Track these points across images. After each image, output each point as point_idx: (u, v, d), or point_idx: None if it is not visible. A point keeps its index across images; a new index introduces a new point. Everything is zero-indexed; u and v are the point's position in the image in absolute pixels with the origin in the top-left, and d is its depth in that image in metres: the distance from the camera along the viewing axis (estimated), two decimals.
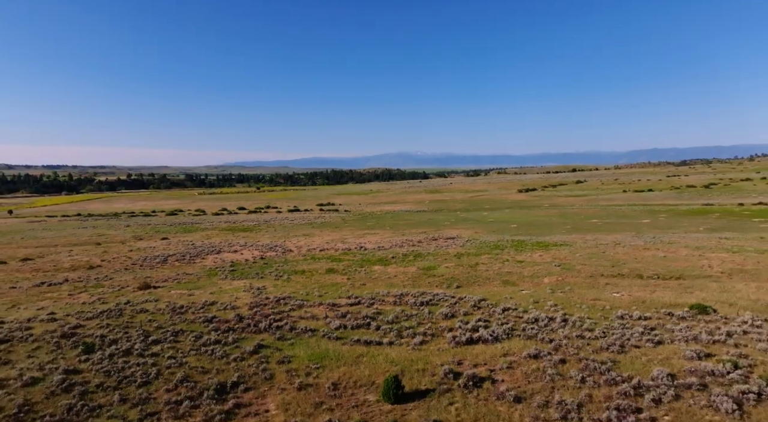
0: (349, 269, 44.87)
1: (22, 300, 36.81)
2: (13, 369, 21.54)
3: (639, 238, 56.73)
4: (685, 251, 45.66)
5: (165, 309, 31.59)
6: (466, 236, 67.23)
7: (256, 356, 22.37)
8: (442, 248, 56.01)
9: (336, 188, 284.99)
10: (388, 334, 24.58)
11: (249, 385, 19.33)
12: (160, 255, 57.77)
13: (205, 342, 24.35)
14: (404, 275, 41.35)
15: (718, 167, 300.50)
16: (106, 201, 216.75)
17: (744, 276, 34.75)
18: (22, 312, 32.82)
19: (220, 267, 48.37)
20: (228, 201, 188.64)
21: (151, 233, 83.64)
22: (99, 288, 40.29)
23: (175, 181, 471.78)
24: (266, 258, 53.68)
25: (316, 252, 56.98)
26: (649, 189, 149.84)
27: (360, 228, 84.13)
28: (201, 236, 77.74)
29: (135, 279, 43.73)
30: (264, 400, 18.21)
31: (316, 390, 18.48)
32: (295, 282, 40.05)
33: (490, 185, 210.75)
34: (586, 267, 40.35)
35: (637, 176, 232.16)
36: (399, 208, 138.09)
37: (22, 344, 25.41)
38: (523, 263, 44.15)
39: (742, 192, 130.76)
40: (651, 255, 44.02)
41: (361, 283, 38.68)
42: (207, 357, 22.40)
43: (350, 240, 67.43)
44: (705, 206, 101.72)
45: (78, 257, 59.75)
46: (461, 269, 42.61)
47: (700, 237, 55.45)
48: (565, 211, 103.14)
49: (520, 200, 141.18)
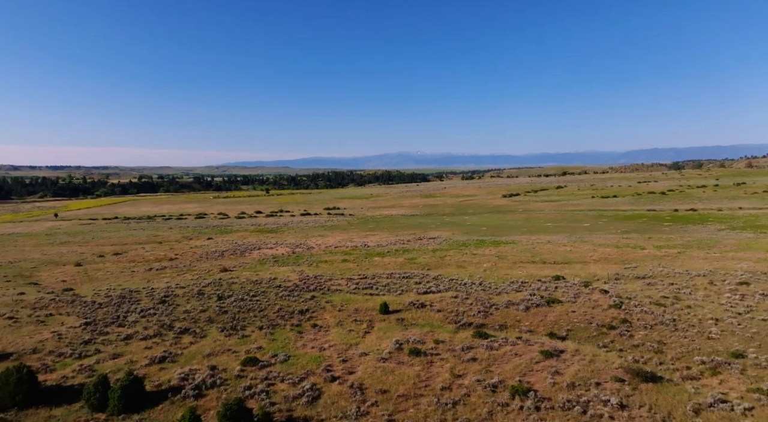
0: (357, 259, 65.57)
1: (149, 279, 57.48)
2: (186, 306, 42.20)
3: (567, 238, 77.39)
4: (587, 247, 66.41)
5: (246, 281, 52.22)
6: (445, 237, 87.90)
7: (312, 300, 43.01)
8: (424, 245, 76.71)
9: (339, 192, 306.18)
10: (382, 290, 45.29)
11: (313, 311, 39.87)
12: (216, 251, 78.41)
13: (282, 295, 45.04)
14: (394, 263, 62.06)
15: (687, 173, 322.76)
16: (131, 204, 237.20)
17: (604, 262, 55.46)
18: (157, 284, 53.48)
19: (265, 259, 69.03)
20: (242, 204, 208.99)
21: (195, 234, 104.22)
22: (193, 272, 60.91)
23: (183, 183, 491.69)
24: (296, 253, 74.34)
25: (332, 248, 77.67)
26: (614, 195, 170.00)
27: (363, 231, 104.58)
28: (238, 236, 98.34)
29: (213, 266, 64.41)
30: (323, 315, 38.77)
31: (346, 311, 39.05)
32: (322, 267, 60.71)
33: (479, 190, 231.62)
34: (514, 257, 61.06)
35: (614, 181, 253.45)
36: (396, 212, 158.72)
37: (178, 298, 46.07)
38: (476, 255, 64.87)
39: (688, 198, 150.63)
40: (562, 250, 64.75)
41: (366, 268, 59.35)
42: (287, 300, 43.02)
43: (356, 240, 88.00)
44: (648, 211, 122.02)
45: (155, 252, 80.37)
46: (433, 259, 63.33)
47: (610, 238, 76.16)
48: (531, 215, 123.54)
49: (501, 205, 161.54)
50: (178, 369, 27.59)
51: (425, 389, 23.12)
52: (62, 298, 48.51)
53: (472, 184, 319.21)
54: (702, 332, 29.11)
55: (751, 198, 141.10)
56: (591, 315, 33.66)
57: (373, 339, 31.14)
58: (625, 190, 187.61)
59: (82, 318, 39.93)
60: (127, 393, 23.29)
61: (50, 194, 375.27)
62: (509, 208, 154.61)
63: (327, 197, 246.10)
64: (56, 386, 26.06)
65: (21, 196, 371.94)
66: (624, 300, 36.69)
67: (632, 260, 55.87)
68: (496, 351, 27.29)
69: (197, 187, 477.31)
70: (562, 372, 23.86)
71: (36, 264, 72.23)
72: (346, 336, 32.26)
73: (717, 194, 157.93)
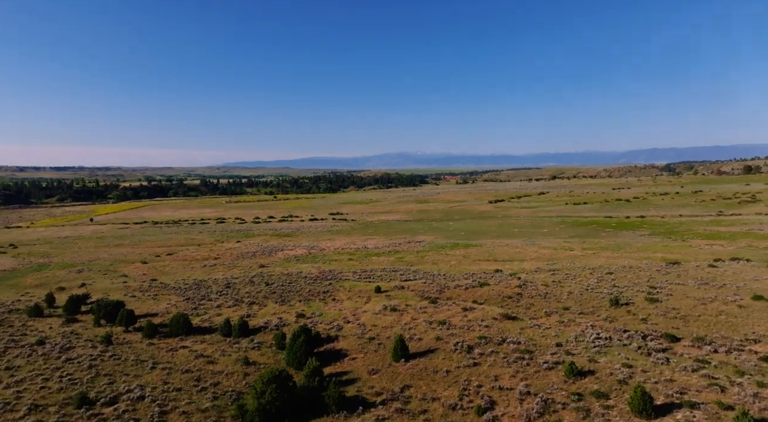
0: (359, 258, 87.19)
1: (207, 272, 79.07)
2: (245, 289, 63.87)
3: (522, 242, 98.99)
4: (532, 249, 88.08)
5: (281, 274, 73.84)
6: (429, 240, 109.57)
7: (330, 285, 64.73)
8: (411, 248, 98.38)
9: (342, 197, 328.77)
10: (376, 279, 67.03)
11: (331, 292, 61.53)
12: (248, 252, 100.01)
13: (309, 282, 66.81)
14: (387, 261, 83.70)
15: (660, 180, 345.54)
16: (151, 208, 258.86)
17: (536, 260, 77.02)
18: (216, 276, 75.06)
19: (289, 258, 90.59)
20: (254, 209, 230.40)
21: (225, 238, 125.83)
22: (238, 267, 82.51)
23: (190, 186, 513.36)
24: (312, 253, 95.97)
25: (340, 249, 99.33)
26: (585, 202, 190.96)
27: (363, 235, 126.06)
28: (261, 240, 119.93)
29: (251, 263, 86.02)
30: (338, 294, 60.42)
31: (353, 291, 60.69)
32: (333, 264, 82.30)
33: (469, 196, 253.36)
34: (475, 257, 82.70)
35: (592, 188, 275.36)
36: (392, 217, 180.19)
37: (236, 284, 67.76)
38: (448, 255, 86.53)
39: (646, 206, 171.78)
40: (513, 251, 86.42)
41: (365, 264, 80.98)
42: (312, 285, 64.69)
43: (358, 243, 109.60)
44: (604, 218, 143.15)
45: (199, 253, 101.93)
46: (416, 258, 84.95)
47: (555, 241, 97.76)
48: (505, 222, 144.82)
49: (484, 211, 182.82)
50: (259, 320, 49.20)
51: (396, 324, 44.78)
52: (154, 285, 70.21)
53: (465, 189, 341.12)
54: (558, 299, 50.77)
55: (697, 205, 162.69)
56: (502, 291, 55.30)
57: (370, 305, 52.74)
58: (596, 197, 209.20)
59: (180, 297, 61.64)
60: (241, 326, 44.96)
61: (68, 198, 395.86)
62: (490, 214, 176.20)
63: (330, 202, 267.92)
64: (196, 327, 47.65)
65: (39, 199, 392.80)
66: (526, 283, 58.40)
67: (556, 259, 77.56)
68: (438, 309, 48.91)
69: (204, 189, 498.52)
70: (468, 316, 45.47)
71: (111, 263, 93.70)
72: (354, 304, 53.93)
73: (673, 202, 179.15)
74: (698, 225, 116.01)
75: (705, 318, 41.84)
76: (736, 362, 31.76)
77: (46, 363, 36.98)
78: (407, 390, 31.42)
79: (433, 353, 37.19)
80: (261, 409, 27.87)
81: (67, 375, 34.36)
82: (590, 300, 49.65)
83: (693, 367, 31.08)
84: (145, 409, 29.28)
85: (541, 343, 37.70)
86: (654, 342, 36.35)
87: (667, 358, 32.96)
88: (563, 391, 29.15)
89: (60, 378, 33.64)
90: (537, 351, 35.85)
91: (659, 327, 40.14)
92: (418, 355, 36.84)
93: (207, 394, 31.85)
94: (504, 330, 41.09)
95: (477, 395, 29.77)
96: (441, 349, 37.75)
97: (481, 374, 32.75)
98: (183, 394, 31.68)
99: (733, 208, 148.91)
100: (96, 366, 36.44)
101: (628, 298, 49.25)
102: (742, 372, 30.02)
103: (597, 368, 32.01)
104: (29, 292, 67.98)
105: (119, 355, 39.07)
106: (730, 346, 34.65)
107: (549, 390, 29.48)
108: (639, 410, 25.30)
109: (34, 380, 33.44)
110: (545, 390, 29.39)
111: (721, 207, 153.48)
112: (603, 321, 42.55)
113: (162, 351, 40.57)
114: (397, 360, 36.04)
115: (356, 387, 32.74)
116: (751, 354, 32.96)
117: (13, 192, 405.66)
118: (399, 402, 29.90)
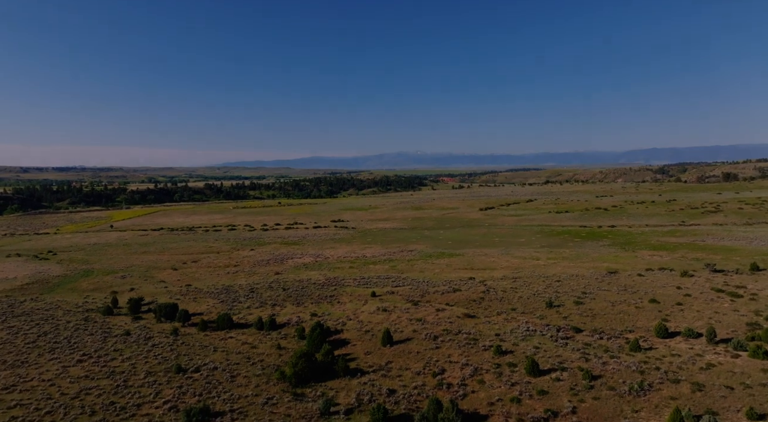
0: (359, 266, 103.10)
1: (232, 279, 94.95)
2: (266, 294, 79.84)
3: (499, 252, 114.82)
4: (506, 258, 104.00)
5: (294, 280, 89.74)
6: (419, 249, 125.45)
7: (335, 290, 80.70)
8: (403, 257, 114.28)
9: (342, 202, 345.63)
10: (372, 286, 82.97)
11: (336, 296, 77.43)
12: (263, 260, 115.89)
13: (317, 287, 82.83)
14: (382, 269, 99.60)
15: (642, 187, 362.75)
16: (163, 214, 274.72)
17: (506, 268, 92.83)
18: (239, 282, 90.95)
19: (299, 266, 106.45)
20: (261, 215, 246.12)
21: (239, 246, 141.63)
22: (257, 275, 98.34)
23: (195, 189, 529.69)
24: (318, 261, 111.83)
25: (342, 258, 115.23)
26: (567, 210, 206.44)
27: (362, 243, 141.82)
28: (272, 248, 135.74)
29: (268, 270, 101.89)
30: (342, 298, 76.32)
31: (353, 295, 76.57)
32: (337, 271, 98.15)
33: (462, 202, 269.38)
34: (456, 266, 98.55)
35: (577, 196, 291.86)
36: (389, 225, 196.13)
37: (259, 289, 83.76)
38: (434, 264, 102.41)
39: (620, 215, 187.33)
40: (488, 260, 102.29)
41: (364, 272, 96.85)
42: (321, 290, 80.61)
43: (357, 252, 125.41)
44: (579, 227, 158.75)
45: (220, 260, 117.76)
46: (407, 266, 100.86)
47: (527, 251, 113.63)
48: (490, 231, 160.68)
49: (474, 219, 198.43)
50: (282, 318, 65.03)
51: (386, 321, 60.64)
52: (191, 290, 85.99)
53: (459, 195, 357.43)
54: (509, 302, 66.63)
55: (666, 215, 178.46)
56: (470, 296, 71.13)
57: (367, 307, 68.56)
58: (578, 205, 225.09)
59: (215, 299, 77.49)
60: (270, 323, 60.84)
61: (80, 202, 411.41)
62: (479, 222, 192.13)
63: (332, 208, 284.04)
64: (236, 323, 63.42)
65: (51, 202, 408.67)
66: (490, 289, 74.25)
67: (522, 268, 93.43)
68: (418, 309, 64.72)
69: (209, 193, 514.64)
70: (439, 315, 61.26)
71: (146, 269, 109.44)
72: (354, 305, 69.75)
73: (646, 211, 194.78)
74: (655, 235, 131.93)
75: (608, 316, 57.78)
76: (608, 344, 47.67)
77: (138, 347, 52.88)
78: (390, 364, 47.23)
79: (410, 340, 53.05)
80: (295, 374, 43.70)
81: (159, 354, 50.29)
82: (533, 303, 65.55)
83: (578, 348, 46.97)
84: (220, 374, 45.15)
85: (486, 334, 53.58)
86: (562, 332, 52.26)
87: (566, 343, 48.83)
88: (489, 363, 45.03)
89: (155, 357, 49.56)
90: (480, 339, 51.73)
91: (573, 322, 56.07)
92: (399, 342, 52.69)
93: (257, 366, 47.70)
94: (462, 325, 56.93)
95: (435, 365, 45.62)
96: (416, 338, 53.62)
97: (440, 354, 48.59)
98: (241, 367, 47.53)
99: (696, 218, 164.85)
100: (175, 349, 52.33)
101: (561, 301, 65.19)
102: (606, 350, 45.92)
103: (516, 349, 47.90)
104: (89, 295, 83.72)
105: (187, 342, 54.96)
106: (612, 335, 50.58)
107: (480, 362, 45.34)
108: (529, 372, 41.20)
109: (138, 357, 49.32)
110: (478, 363, 45.24)
111: (685, 217, 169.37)
112: (536, 319, 58.44)
113: (216, 340, 56.43)
114: (385, 346, 51.88)
115: (356, 362, 48.54)
116: (621, 340, 48.85)
117: (26, 196, 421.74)
118: (384, 370, 45.78)
